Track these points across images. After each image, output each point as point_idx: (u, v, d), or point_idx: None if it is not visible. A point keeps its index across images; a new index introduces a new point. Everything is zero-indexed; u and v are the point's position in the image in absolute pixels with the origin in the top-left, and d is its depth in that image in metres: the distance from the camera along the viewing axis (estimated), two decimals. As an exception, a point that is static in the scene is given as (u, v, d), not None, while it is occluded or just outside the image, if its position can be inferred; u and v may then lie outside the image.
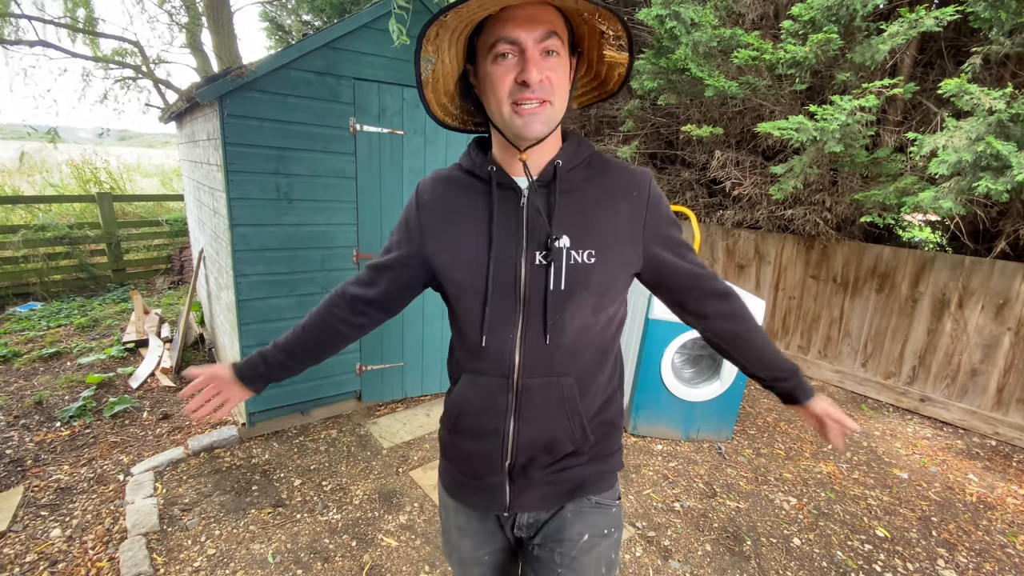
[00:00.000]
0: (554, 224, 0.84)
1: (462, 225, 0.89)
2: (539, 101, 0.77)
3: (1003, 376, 3.28)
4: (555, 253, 0.84)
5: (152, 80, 9.78)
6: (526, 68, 0.75)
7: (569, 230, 0.85)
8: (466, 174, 0.92)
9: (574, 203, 0.87)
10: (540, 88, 0.76)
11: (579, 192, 0.88)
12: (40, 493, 2.40)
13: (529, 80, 0.74)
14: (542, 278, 0.85)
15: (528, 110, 0.77)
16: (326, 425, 3.08)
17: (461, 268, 0.88)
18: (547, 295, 0.85)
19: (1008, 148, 2.59)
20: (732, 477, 2.78)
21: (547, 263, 0.84)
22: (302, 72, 2.57)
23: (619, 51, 0.84)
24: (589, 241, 0.85)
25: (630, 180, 0.90)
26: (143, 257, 6.48)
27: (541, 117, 0.78)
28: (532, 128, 0.78)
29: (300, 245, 2.78)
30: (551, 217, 0.84)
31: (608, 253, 0.86)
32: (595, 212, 0.87)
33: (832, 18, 3.35)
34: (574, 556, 0.94)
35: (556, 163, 0.86)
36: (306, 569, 2.01)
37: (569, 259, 0.85)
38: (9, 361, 3.82)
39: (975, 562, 2.25)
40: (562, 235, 0.85)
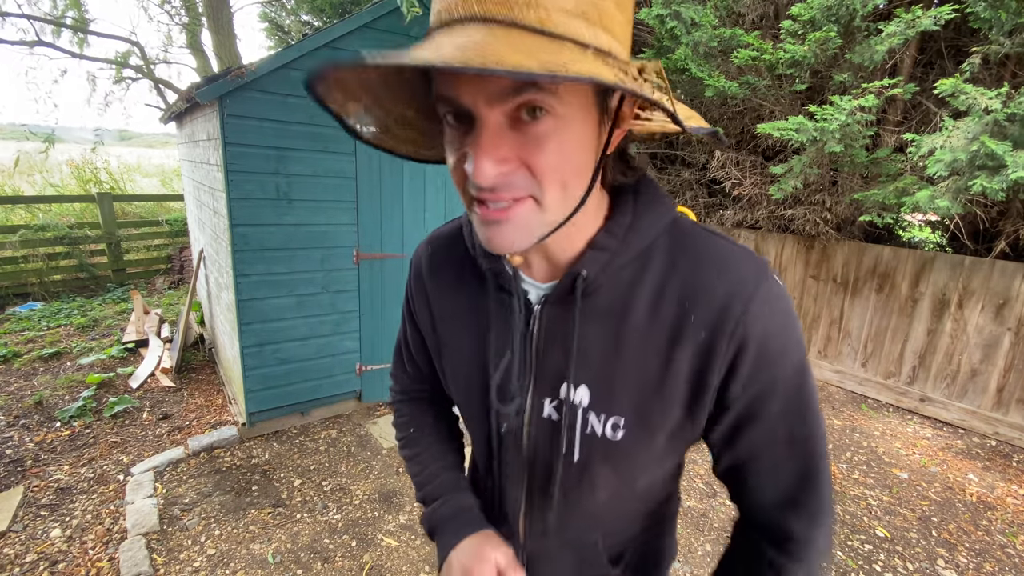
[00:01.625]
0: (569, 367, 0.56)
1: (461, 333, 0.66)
2: (508, 203, 0.45)
3: (1003, 376, 3.28)
4: (567, 409, 0.57)
5: (152, 80, 9.79)
6: (472, 153, 0.43)
7: (591, 378, 0.56)
8: (465, 254, 0.65)
9: (606, 331, 0.55)
10: (502, 185, 0.44)
11: (619, 312, 0.54)
12: (40, 493, 2.40)
13: (473, 175, 0.43)
14: (550, 439, 0.60)
15: (492, 214, 0.45)
16: (326, 425, 3.08)
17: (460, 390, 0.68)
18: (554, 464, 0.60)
19: (1003, 147, 2.59)
20: (732, 477, 2.78)
21: (557, 419, 0.59)
22: (302, 72, 2.57)
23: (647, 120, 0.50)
24: (617, 404, 0.55)
25: (712, 294, 0.51)
26: (143, 257, 6.48)
27: (511, 226, 0.46)
28: (497, 242, 0.47)
29: (300, 245, 2.78)
30: (568, 357, 0.56)
31: (647, 427, 0.55)
32: (636, 353, 0.54)
33: (832, 18, 3.35)
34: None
35: (580, 271, 0.53)
36: (306, 569, 2.01)
37: (585, 426, 0.57)
38: (9, 361, 3.82)
39: (975, 562, 2.25)
40: (579, 385, 0.56)
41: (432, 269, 0.69)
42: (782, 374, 0.52)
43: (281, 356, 2.87)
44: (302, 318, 2.89)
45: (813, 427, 0.54)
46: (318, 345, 2.98)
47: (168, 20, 9.82)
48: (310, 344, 2.95)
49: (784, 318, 0.51)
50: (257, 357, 2.79)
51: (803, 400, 0.53)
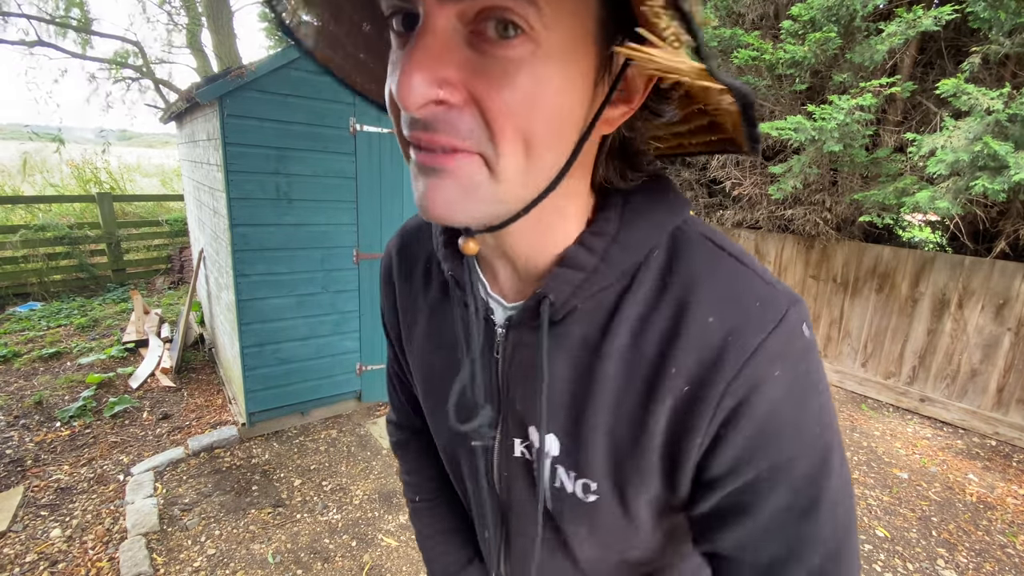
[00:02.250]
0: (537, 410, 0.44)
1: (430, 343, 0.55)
2: (445, 149, 0.33)
3: (1003, 376, 3.28)
4: (536, 456, 0.46)
5: (152, 80, 9.80)
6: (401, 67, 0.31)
7: (559, 427, 0.45)
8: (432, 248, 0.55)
9: (578, 369, 0.43)
10: (440, 122, 0.32)
11: (594, 346, 0.42)
12: (40, 493, 2.40)
13: (399, 99, 0.31)
14: (524, 481, 0.49)
15: (428, 158, 0.34)
16: (326, 425, 3.08)
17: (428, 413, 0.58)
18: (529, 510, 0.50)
19: (1005, 148, 2.59)
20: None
21: (528, 459, 0.48)
22: (302, 72, 2.57)
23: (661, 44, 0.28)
24: (587, 464, 0.44)
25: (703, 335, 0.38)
26: (143, 257, 6.48)
27: (456, 183, 0.34)
28: (431, 200, 0.35)
29: (300, 245, 2.78)
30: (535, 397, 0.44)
31: (623, 496, 0.44)
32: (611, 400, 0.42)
33: (832, 18, 3.35)
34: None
35: (545, 295, 0.41)
36: (306, 569, 2.01)
37: (554, 479, 0.46)
38: (9, 361, 3.82)
39: (975, 562, 2.25)
40: (548, 432, 0.45)
41: (401, 265, 0.57)
42: (792, 456, 0.37)
43: (281, 356, 2.87)
44: (302, 318, 2.89)
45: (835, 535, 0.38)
46: (318, 345, 2.98)
47: (168, 20, 9.83)
48: (310, 344, 2.95)
49: (803, 382, 0.37)
50: (257, 357, 2.79)
51: (822, 499, 0.38)
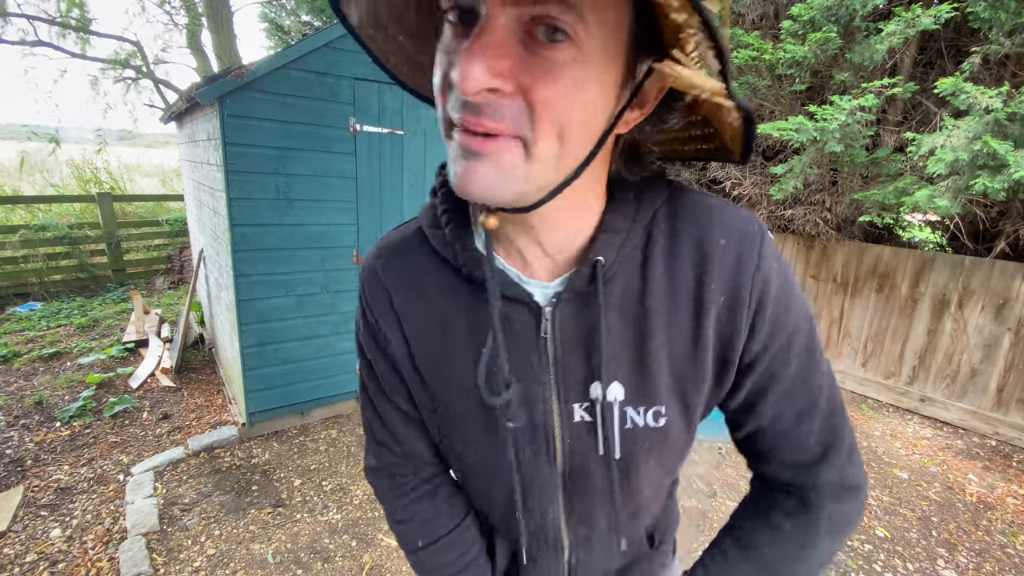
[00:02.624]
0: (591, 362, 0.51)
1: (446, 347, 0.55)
2: (487, 134, 0.37)
3: (1003, 376, 3.28)
4: (602, 409, 0.52)
5: (152, 80, 9.80)
6: (467, 50, 0.35)
7: (622, 372, 0.51)
8: (437, 260, 0.55)
9: (627, 318, 0.50)
10: (490, 109, 0.36)
11: (637, 294, 0.50)
12: (40, 493, 2.40)
13: (456, 80, 0.36)
14: (588, 440, 0.54)
15: (473, 141, 0.38)
16: (326, 425, 3.08)
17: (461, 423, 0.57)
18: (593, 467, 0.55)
19: (1005, 147, 2.59)
20: (732, 477, 2.78)
21: (591, 420, 0.53)
22: (302, 72, 2.57)
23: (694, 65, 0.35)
24: (655, 393, 0.51)
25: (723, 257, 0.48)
26: (143, 257, 6.48)
27: (496, 166, 0.38)
28: (469, 180, 0.39)
29: (300, 245, 2.78)
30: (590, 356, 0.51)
31: (688, 408, 0.53)
32: (663, 334, 0.50)
33: (832, 18, 3.35)
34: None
35: (596, 259, 0.48)
36: (306, 569, 2.01)
37: (624, 420, 0.52)
38: (9, 361, 3.82)
39: (975, 562, 2.25)
40: (611, 382, 0.51)
41: (393, 280, 0.56)
42: (795, 328, 0.51)
43: (281, 356, 2.87)
44: (302, 318, 2.89)
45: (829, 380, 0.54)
46: (318, 345, 2.98)
47: (168, 20, 9.83)
48: (310, 344, 2.95)
49: (788, 270, 0.51)
50: (257, 357, 2.79)
51: (816, 354, 0.52)
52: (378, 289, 0.57)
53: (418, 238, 0.56)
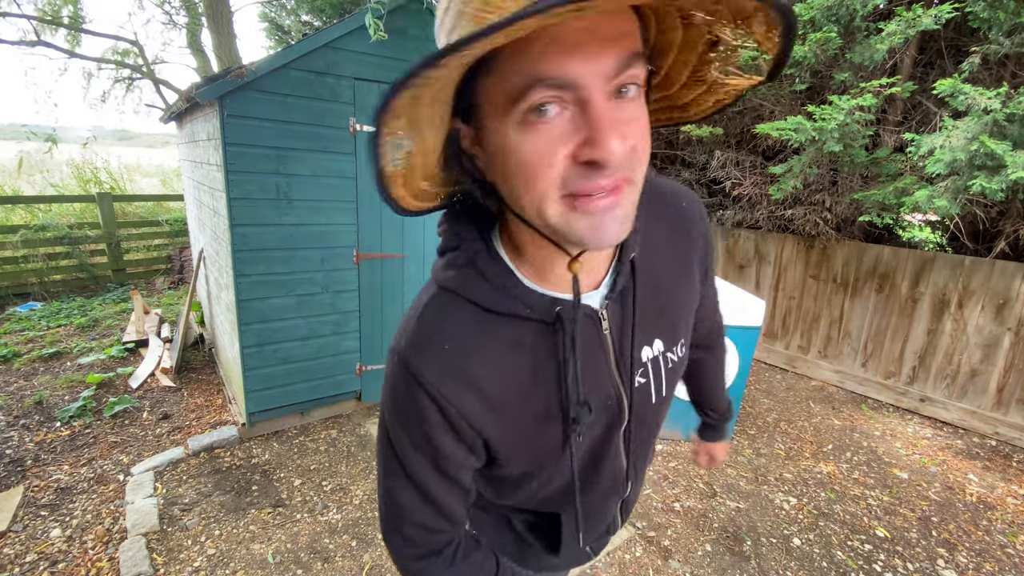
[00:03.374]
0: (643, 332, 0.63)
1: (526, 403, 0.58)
2: (613, 186, 0.43)
3: (1003, 376, 3.28)
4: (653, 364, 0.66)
5: (152, 80, 9.79)
6: (596, 135, 0.40)
7: (659, 330, 0.66)
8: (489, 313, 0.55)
9: (652, 287, 0.63)
10: (623, 165, 0.42)
11: (655, 270, 0.64)
12: (40, 493, 2.40)
13: (604, 158, 0.40)
14: (646, 398, 0.66)
15: (599, 205, 0.43)
16: (326, 425, 3.08)
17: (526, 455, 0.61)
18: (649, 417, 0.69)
19: (1003, 147, 2.59)
20: (732, 477, 2.78)
21: (646, 381, 0.65)
22: (302, 72, 2.57)
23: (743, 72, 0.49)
24: (678, 332, 0.69)
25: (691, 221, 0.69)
26: (143, 257, 6.48)
27: (620, 212, 0.44)
28: (606, 233, 0.44)
29: (300, 245, 2.78)
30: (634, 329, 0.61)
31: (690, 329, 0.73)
32: (675, 289, 0.67)
33: (832, 18, 3.35)
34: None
35: (632, 255, 0.59)
36: (306, 569, 2.01)
37: (667, 363, 0.67)
38: (9, 361, 3.82)
39: (975, 562, 2.25)
40: (654, 341, 0.65)
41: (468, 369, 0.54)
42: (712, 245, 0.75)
43: (281, 356, 2.87)
44: (302, 318, 2.89)
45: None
46: (318, 345, 2.98)
47: (167, 20, 9.83)
48: (310, 344, 2.95)
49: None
50: (257, 357, 2.79)
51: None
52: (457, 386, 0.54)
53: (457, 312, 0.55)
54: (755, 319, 2.81)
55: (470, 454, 0.58)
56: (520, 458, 0.60)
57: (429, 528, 0.63)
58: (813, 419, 3.54)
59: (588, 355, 0.58)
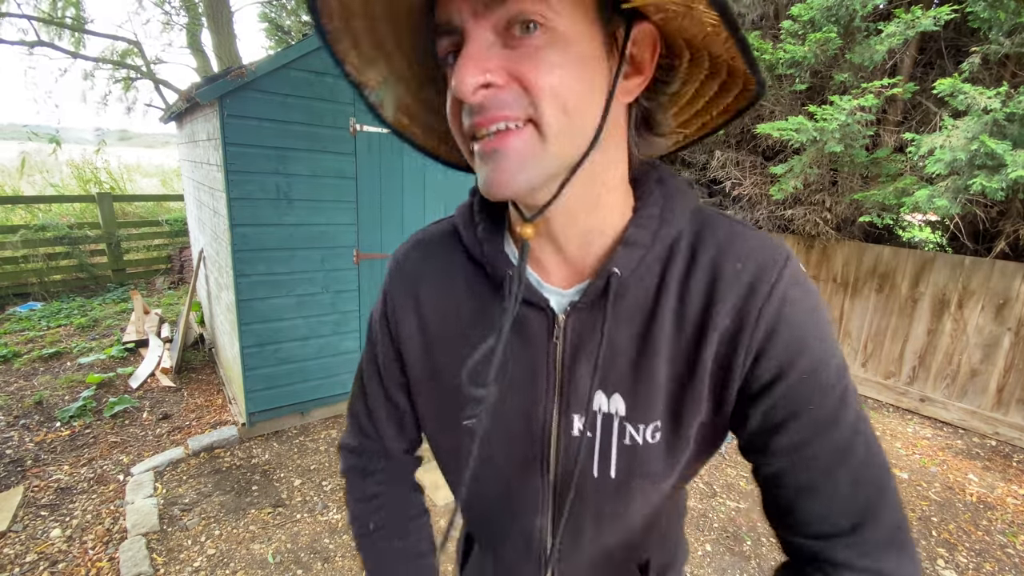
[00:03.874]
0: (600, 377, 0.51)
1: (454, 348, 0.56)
2: (498, 127, 0.40)
3: (1003, 376, 3.28)
4: (602, 421, 0.52)
5: (152, 80, 9.80)
6: (456, 70, 0.39)
7: (625, 386, 0.51)
8: (465, 257, 0.57)
9: (635, 333, 0.50)
10: (492, 102, 0.39)
11: (647, 311, 0.50)
12: (40, 493, 2.40)
13: (459, 92, 0.39)
14: (582, 457, 0.53)
15: (487, 143, 0.41)
16: (326, 425, 3.08)
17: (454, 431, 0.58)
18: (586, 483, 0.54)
19: (1003, 147, 2.59)
20: (732, 477, 2.78)
21: (591, 436, 0.53)
22: (302, 72, 2.57)
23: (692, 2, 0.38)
24: (653, 408, 0.51)
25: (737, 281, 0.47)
26: (143, 257, 6.48)
27: (516, 157, 0.41)
28: (494, 179, 0.42)
29: (300, 245, 2.78)
30: (596, 366, 0.50)
31: (680, 426, 0.51)
32: (667, 351, 0.50)
33: (832, 18, 3.35)
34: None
35: (612, 270, 0.48)
36: (306, 569, 2.01)
37: (623, 435, 0.52)
38: (9, 361, 3.82)
39: (975, 562, 2.25)
40: (613, 394, 0.51)
41: (423, 277, 0.58)
42: (820, 361, 0.45)
43: (281, 356, 2.87)
44: (302, 318, 2.89)
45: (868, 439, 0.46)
46: (318, 345, 2.98)
47: (167, 20, 9.83)
48: (310, 344, 2.95)
49: (816, 299, 0.47)
50: (257, 357, 2.79)
51: (849, 398, 0.46)
52: (404, 276, 0.60)
53: (452, 235, 0.59)
54: None
55: (396, 357, 0.61)
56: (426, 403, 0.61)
57: (361, 424, 0.67)
58: (813, 419, 3.54)
59: (521, 349, 0.52)
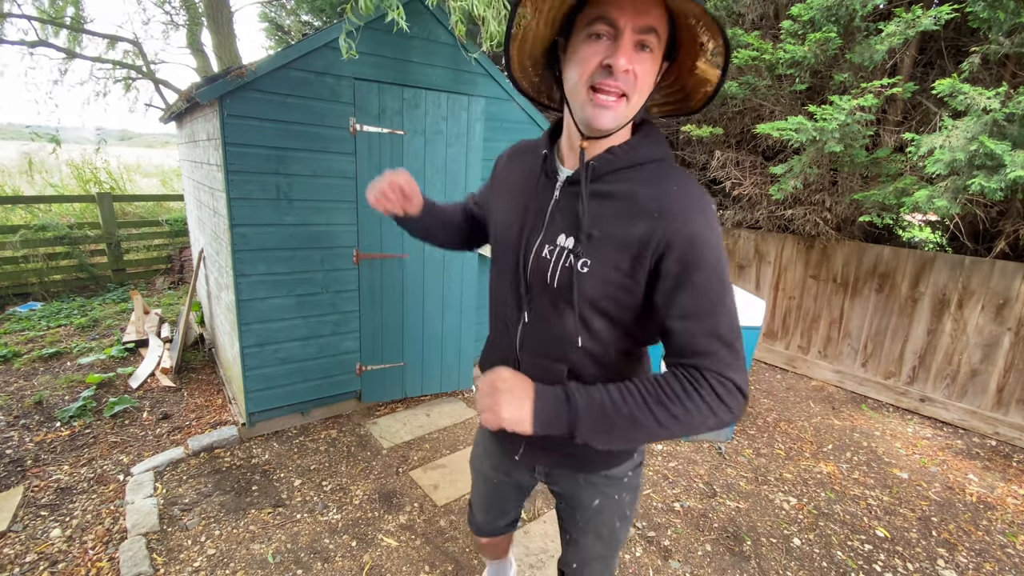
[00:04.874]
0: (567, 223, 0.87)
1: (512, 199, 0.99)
2: (617, 94, 0.76)
3: (1003, 376, 3.28)
4: (559, 252, 0.86)
5: (152, 80, 9.79)
6: (616, 52, 0.73)
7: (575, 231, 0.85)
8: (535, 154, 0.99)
9: (597, 206, 0.84)
10: (623, 79, 0.75)
11: (608, 197, 0.84)
12: (40, 493, 2.40)
13: (615, 65, 0.73)
14: (542, 271, 0.89)
15: (603, 101, 0.76)
16: (326, 425, 3.08)
17: (499, 242, 1.00)
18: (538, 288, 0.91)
19: (1002, 147, 2.59)
20: (732, 477, 2.78)
21: (548, 258, 0.88)
22: (302, 72, 2.57)
23: (712, 67, 0.82)
24: (590, 251, 0.83)
25: (664, 198, 0.79)
26: (143, 257, 6.48)
27: (613, 112, 0.77)
28: (601, 120, 0.77)
29: (300, 245, 2.78)
30: (579, 217, 0.84)
31: (604, 269, 0.82)
32: (611, 222, 0.82)
33: (832, 18, 3.35)
34: (589, 517, 1.09)
35: (592, 163, 0.84)
36: (306, 569, 2.01)
37: (564, 260, 0.85)
38: (9, 361, 3.82)
39: (975, 562, 2.25)
40: (570, 236, 0.86)
41: (516, 152, 1.07)
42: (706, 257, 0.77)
43: (281, 356, 2.87)
44: (302, 318, 2.89)
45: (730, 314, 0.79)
46: (318, 345, 2.98)
47: (168, 20, 9.82)
48: (310, 344, 2.95)
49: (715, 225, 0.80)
50: (257, 357, 2.79)
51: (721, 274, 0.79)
52: (508, 153, 1.10)
53: (537, 142, 1.02)
54: (755, 319, 2.81)
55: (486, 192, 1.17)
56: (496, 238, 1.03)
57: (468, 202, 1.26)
58: (813, 419, 3.54)
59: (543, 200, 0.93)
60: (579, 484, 1.06)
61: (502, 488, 1.24)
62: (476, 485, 1.32)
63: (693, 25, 0.76)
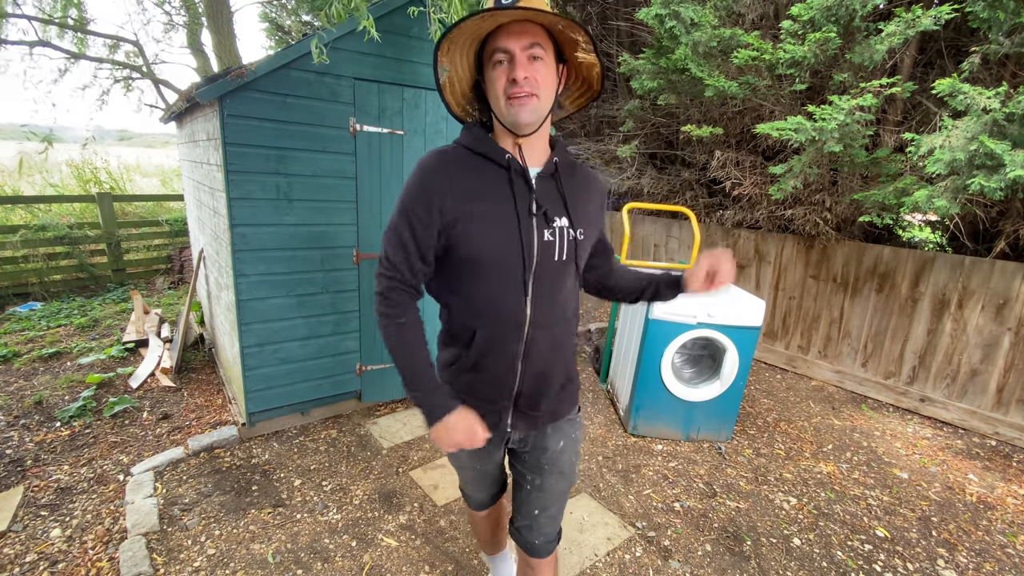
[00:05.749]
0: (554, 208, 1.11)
1: (487, 204, 1.07)
2: (526, 94, 0.99)
3: (1003, 376, 3.28)
4: (560, 231, 1.10)
5: (152, 80, 9.79)
6: (515, 68, 0.98)
7: (562, 211, 1.13)
8: (476, 155, 1.09)
9: (567, 191, 1.14)
10: (526, 83, 0.98)
11: (570, 185, 1.15)
12: (40, 493, 2.40)
13: (517, 77, 0.98)
14: (548, 251, 1.09)
15: (519, 100, 0.99)
16: (326, 425, 3.08)
17: (493, 243, 1.07)
18: (548, 266, 1.10)
19: (1002, 147, 2.59)
20: (732, 477, 2.78)
21: (553, 239, 1.09)
22: (302, 72, 2.57)
23: (588, 54, 1.05)
24: (580, 223, 1.14)
25: (597, 180, 1.24)
26: (143, 257, 6.48)
27: (529, 107, 1.00)
28: (522, 115, 1.00)
29: (300, 245, 2.78)
30: (565, 203, 1.12)
31: (589, 232, 1.18)
32: (581, 201, 1.16)
33: (831, 18, 3.35)
34: (554, 458, 1.29)
35: (555, 160, 1.13)
36: (306, 569, 2.01)
37: (569, 236, 1.12)
38: (9, 361, 3.82)
39: (975, 562, 2.25)
40: (563, 217, 1.12)
41: (448, 165, 1.08)
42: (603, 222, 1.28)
43: (281, 356, 2.87)
44: (302, 318, 2.89)
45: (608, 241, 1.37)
46: (318, 345, 2.98)
47: (168, 20, 9.82)
48: (310, 344, 2.95)
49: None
50: (257, 357, 2.79)
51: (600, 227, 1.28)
52: (439, 169, 1.07)
53: (457, 148, 1.11)
54: (755, 319, 2.81)
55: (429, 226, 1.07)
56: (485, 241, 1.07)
57: (392, 260, 1.09)
58: (813, 419, 3.54)
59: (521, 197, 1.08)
60: (546, 434, 1.28)
61: (487, 469, 1.42)
62: (462, 474, 1.49)
63: (563, 30, 0.99)
